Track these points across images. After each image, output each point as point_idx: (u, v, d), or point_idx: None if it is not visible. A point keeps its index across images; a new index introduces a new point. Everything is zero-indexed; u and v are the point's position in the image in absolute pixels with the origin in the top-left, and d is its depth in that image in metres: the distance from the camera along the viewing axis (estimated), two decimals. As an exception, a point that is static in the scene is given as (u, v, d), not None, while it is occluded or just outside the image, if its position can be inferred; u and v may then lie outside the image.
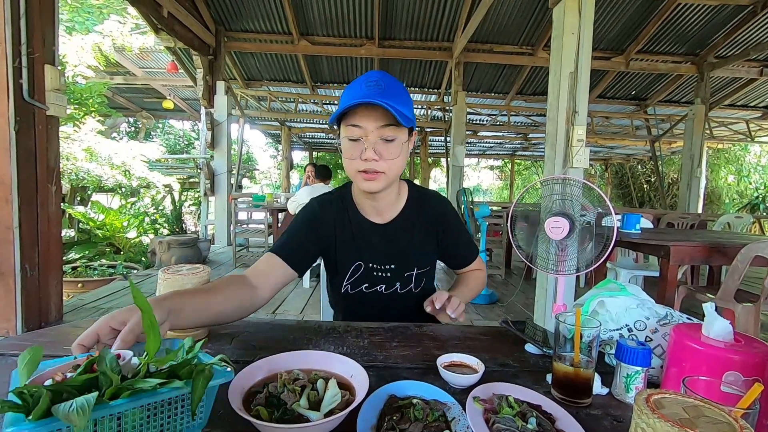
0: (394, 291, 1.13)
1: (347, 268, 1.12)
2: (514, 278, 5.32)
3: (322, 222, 1.11)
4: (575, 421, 0.61)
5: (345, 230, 1.12)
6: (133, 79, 8.74)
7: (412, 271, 1.13)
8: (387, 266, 1.12)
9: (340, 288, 1.14)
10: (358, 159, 0.97)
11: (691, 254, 2.63)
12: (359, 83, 0.98)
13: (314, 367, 0.71)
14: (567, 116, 2.86)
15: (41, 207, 2.57)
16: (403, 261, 1.12)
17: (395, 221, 1.13)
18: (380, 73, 1.00)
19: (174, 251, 5.02)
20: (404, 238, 1.13)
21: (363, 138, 0.96)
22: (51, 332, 0.92)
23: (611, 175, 16.96)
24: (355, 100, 0.92)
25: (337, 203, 1.14)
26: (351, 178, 1.04)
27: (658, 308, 0.81)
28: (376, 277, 1.12)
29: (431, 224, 1.15)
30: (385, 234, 1.12)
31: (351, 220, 1.12)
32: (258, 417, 0.55)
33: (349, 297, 1.14)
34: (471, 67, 7.62)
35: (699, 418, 0.41)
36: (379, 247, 1.12)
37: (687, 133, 7.24)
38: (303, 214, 1.13)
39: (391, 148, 0.98)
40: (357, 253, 1.12)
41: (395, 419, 0.59)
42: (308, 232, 1.10)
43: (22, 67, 2.39)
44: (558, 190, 2.24)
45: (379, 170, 0.98)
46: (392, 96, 0.94)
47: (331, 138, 14.59)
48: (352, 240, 1.12)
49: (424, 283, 1.16)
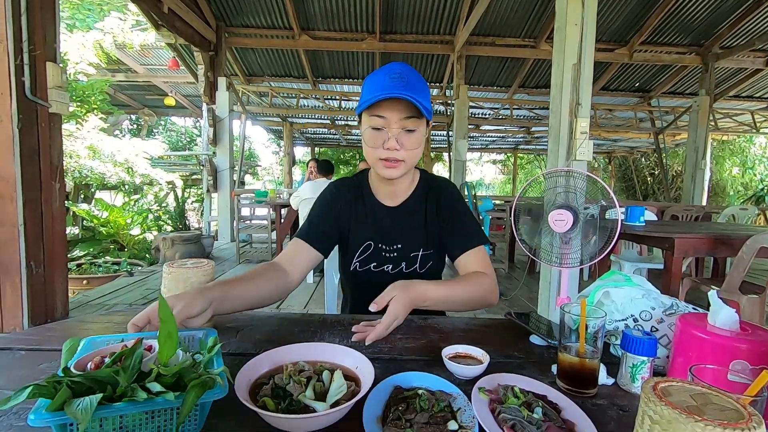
0: (400, 270, 1.18)
1: (358, 246, 1.18)
2: (518, 272, 5.31)
3: (339, 203, 1.19)
4: (581, 411, 0.61)
5: (359, 211, 1.20)
6: (134, 76, 8.74)
7: (417, 251, 1.18)
8: (394, 246, 1.18)
9: (349, 266, 1.20)
10: (381, 148, 1.03)
11: (695, 246, 2.62)
12: (382, 75, 1.02)
13: (320, 359, 0.71)
14: (570, 108, 2.84)
15: (45, 204, 2.58)
16: (410, 241, 1.18)
17: (405, 204, 1.20)
18: (402, 65, 1.04)
19: (178, 247, 5.04)
20: (411, 220, 1.19)
21: (386, 128, 1.01)
22: (57, 327, 0.93)
23: (614, 168, 16.88)
24: (382, 93, 0.96)
25: (354, 186, 1.22)
26: (372, 164, 1.10)
27: (663, 298, 0.80)
28: (384, 257, 1.18)
29: (437, 207, 1.20)
30: (394, 216, 1.19)
31: (365, 203, 1.20)
32: (264, 408, 0.55)
33: (358, 275, 1.20)
34: (473, 60, 7.58)
35: (707, 405, 0.41)
36: (388, 229, 1.18)
37: (691, 124, 7.19)
38: (322, 198, 1.22)
39: (412, 138, 1.03)
40: (368, 233, 1.18)
41: (401, 409, 0.59)
42: (328, 215, 1.18)
43: (24, 65, 2.40)
44: (561, 183, 2.23)
45: (400, 159, 1.04)
46: (414, 89, 0.99)
47: (333, 133, 14.57)
48: (365, 221, 1.19)
49: (429, 266, 1.20)
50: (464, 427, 0.57)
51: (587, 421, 0.59)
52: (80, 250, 5.34)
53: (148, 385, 0.50)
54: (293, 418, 0.54)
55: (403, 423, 0.56)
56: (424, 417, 0.57)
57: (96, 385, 0.49)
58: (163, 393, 0.49)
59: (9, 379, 0.68)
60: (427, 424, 0.57)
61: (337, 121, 12.22)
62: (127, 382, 0.49)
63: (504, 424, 0.57)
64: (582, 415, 0.61)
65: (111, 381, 0.49)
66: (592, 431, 0.57)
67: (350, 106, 10.12)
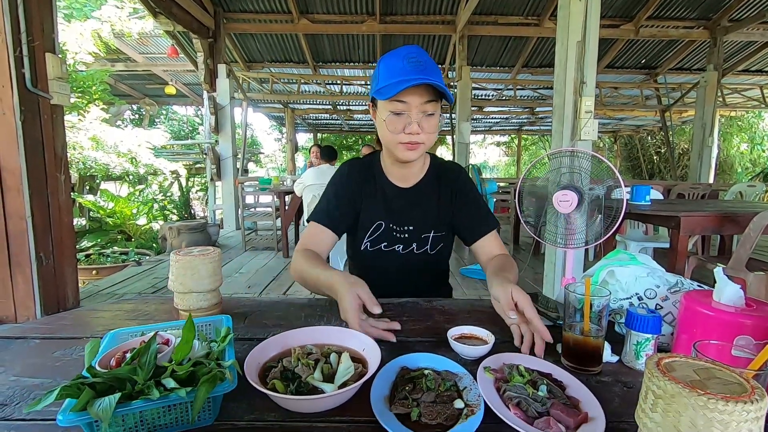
0: (411, 251, 1.20)
1: (369, 226, 1.20)
2: (523, 254, 5.32)
3: (352, 182, 1.21)
4: (585, 388, 0.62)
5: (370, 191, 1.21)
6: (134, 65, 8.67)
7: (428, 233, 1.20)
8: (406, 227, 1.20)
9: (360, 245, 1.22)
10: (402, 132, 1.04)
11: (702, 224, 2.60)
12: (399, 59, 1.03)
13: (327, 342, 0.72)
14: (575, 87, 2.80)
15: (51, 196, 2.59)
16: (421, 223, 1.20)
17: (417, 186, 1.22)
18: (416, 48, 1.05)
19: (184, 236, 5.08)
20: (424, 202, 1.21)
21: (407, 112, 1.02)
22: (70, 315, 0.95)
23: (620, 148, 16.68)
24: (402, 79, 0.98)
25: (367, 166, 1.24)
26: (391, 148, 1.11)
27: (668, 276, 0.81)
28: (395, 237, 1.20)
29: (449, 191, 1.22)
30: (407, 197, 1.21)
31: (377, 183, 1.22)
32: (274, 390, 0.57)
33: (368, 255, 1.21)
34: (475, 40, 7.44)
35: (710, 379, 0.41)
36: (400, 210, 1.20)
37: (699, 101, 7.06)
38: (335, 179, 1.23)
39: (432, 121, 1.05)
40: (379, 213, 1.20)
41: (408, 389, 0.60)
42: (343, 196, 1.20)
43: (24, 57, 2.38)
44: (566, 163, 2.21)
45: (420, 141, 1.06)
46: (431, 73, 1.01)
47: (335, 119, 14.47)
48: (376, 201, 1.21)
49: (440, 248, 1.22)
50: (470, 405, 0.58)
51: (592, 398, 0.60)
52: (88, 241, 5.40)
53: (164, 380, 0.53)
54: (302, 399, 0.55)
55: (410, 402, 0.57)
56: (431, 396, 0.58)
57: (117, 383, 0.52)
58: (176, 389, 0.52)
59: (24, 366, 0.70)
60: (433, 403, 0.58)
61: (338, 106, 12.12)
62: (144, 380, 0.53)
63: (509, 401, 0.58)
64: (586, 391, 0.61)
65: (129, 379, 0.52)
66: (596, 407, 0.58)
67: (352, 91, 10.01)
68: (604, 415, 0.56)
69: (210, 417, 0.56)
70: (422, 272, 1.24)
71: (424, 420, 0.55)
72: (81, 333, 0.84)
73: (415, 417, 0.55)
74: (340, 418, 0.57)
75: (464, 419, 0.55)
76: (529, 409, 0.56)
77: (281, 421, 0.56)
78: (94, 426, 0.49)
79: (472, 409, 0.57)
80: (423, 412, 0.56)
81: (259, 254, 5.19)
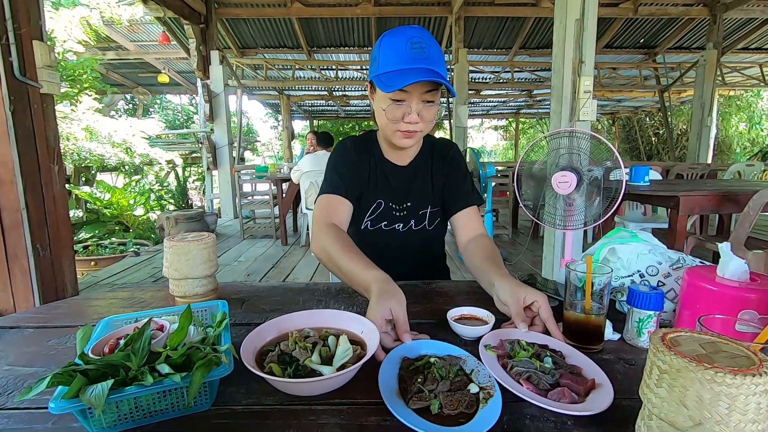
0: (410, 228, 1.21)
1: (369, 205, 1.19)
2: (521, 237, 5.32)
3: (356, 157, 1.19)
4: (583, 355, 0.63)
5: (370, 170, 1.20)
6: (125, 53, 8.52)
7: (426, 209, 1.21)
8: (404, 204, 1.20)
9: (360, 224, 1.21)
10: (401, 121, 1.02)
11: (701, 204, 2.59)
12: (401, 44, 0.97)
13: (325, 325, 0.71)
14: (573, 67, 2.76)
15: (46, 188, 2.56)
16: (418, 199, 1.20)
17: (413, 163, 1.22)
18: (419, 30, 1.00)
19: (181, 226, 5.06)
20: (419, 178, 1.21)
21: (407, 101, 1.00)
22: (64, 304, 0.93)
23: (618, 130, 16.58)
24: (404, 68, 0.94)
25: (365, 145, 1.22)
26: (388, 135, 1.09)
27: (670, 253, 0.79)
28: (394, 215, 1.20)
29: (440, 165, 1.22)
30: (403, 175, 1.21)
31: (376, 161, 1.20)
32: (271, 374, 0.56)
33: (369, 234, 1.21)
34: (472, 22, 7.32)
35: (717, 353, 0.40)
36: (398, 188, 1.20)
37: (698, 80, 6.99)
38: (338, 153, 1.20)
39: (431, 109, 1.03)
40: (378, 192, 1.19)
41: (419, 381, 0.56)
42: (350, 164, 1.17)
43: (10, 45, 2.33)
44: (565, 144, 2.18)
45: (418, 130, 1.04)
46: (436, 61, 0.97)
47: (331, 105, 14.32)
48: (375, 179, 1.20)
49: (437, 223, 1.22)
50: (484, 387, 0.56)
51: (592, 365, 0.61)
52: (86, 233, 5.37)
53: (158, 366, 0.52)
54: (300, 381, 0.54)
55: (426, 394, 0.54)
56: (446, 385, 0.56)
57: (110, 369, 0.51)
58: (170, 374, 0.50)
59: (18, 355, 0.69)
60: (449, 391, 0.55)
61: (334, 92, 11.98)
62: (137, 366, 0.51)
63: (519, 377, 0.57)
64: (585, 359, 0.63)
65: (123, 365, 0.51)
66: (600, 374, 0.59)
67: (347, 76, 9.88)
68: (609, 381, 0.57)
69: (207, 402, 0.55)
70: (421, 251, 1.25)
71: (446, 411, 0.52)
72: (75, 322, 0.83)
73: (436, 409, 0.52)
74: (339, 401, 0.56)
75: (484, 403, 0.54)
76: (540, 382, 0.56)
77: (279, 404, 0.55)
78: (87, 413, 0.48)
79: (488, 391, 0.55)
80: (443, 402, 0.53)
81: (258, 242, 5.18)
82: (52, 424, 0.51)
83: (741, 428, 0.36)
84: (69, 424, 0.51)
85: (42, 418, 0.53)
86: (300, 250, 4.75)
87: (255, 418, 0.52)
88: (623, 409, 0.54)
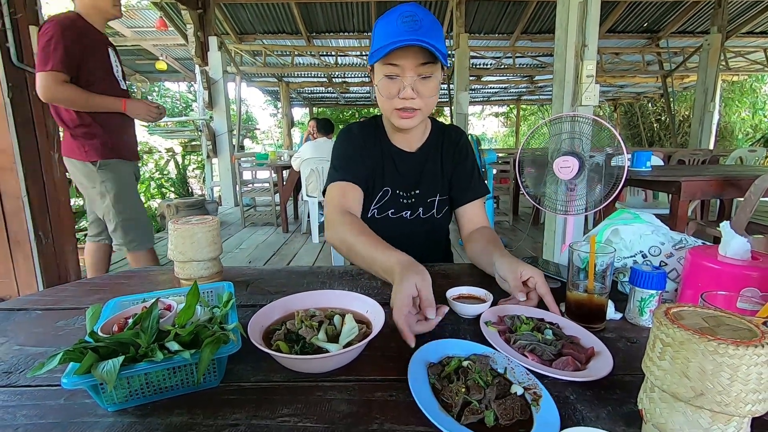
0: (417, 216, 1.18)
1: (376, 192, 1.17)
2: (522, 224, 5.33)
3: (363, 143, 1.16)
4: (579, 327, 0.66)
5: (377, 156, 1.17)
6: (122, 40, 8.42)
7: (434, 197, 1.18)
8: (412, 192, 1.17)
9: (367, 212, 1.18)
10: (396, 97, 0.98)
11: (702, 189, 2.59)
12: (393, 19, 0.96)
13: (330, 305, 0.72)
14: (576, 51, 2.73)
15: (46, 175, 2.56)
16: (427, 187, 1.17)
17: (421, 149, 1.18)
18: (413, 5, 0.97)
19: (182, 214, 5.07)
20: (428, 166, 1.18)
21: (400, 76, 0.97)
22: (70, 287, 0.94)
23: (620, 116, 16.47)
24: (394, 41, 0.91)
25: (371, 130, 1.18)
26: (387, 115, 1.06)
27: (673, 234, 0.80)
28: (402, 203, 1.17)
29: (451, 153, 1.19)
30: (412, 161, 1.17)
31: (383, 148, 1.17)
32: (278, 351, 0.56)
33: (376, 222, 1.18)
34: (473, 6, 7.21)
35: (719, 327, 0.41)
36: (406, 174, 1.17)
37: (701, 65, 6.91)
38: (343, 138, 1.17)
39: (429, 84, 0.99)
40: (386, 179, 1.17)
41: (463, 392, 0.50)
42: (357, 149, 1.14)
43: (6, 30, 2.30)
44: (567, 129, 2.17)
45: (416, 107, 1.00)
46: (428, 32, 0.93)
47: (331, 92, 14.20)
48: (382, 166, 1.16)
49: (445, 211, 1.20)
50: (529, 387, 0.52)
51: (589, 334, 0.64)
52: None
53: (167, 344, 0.53)
54: (308, 358, 0.55)
55: (476, 406, 0.49)
56: (493, 392, 0.50)
57: (120, 347, 0.52)
58: (180, 351, 0.51)
59: (28, 336, 0.70)
60: (498, 399, 0.50)
61: (334, 79, 11.87)
62: (147, 343, 0.52)
63: (523, 349, 0.59)
64: (581, 329, 0.65)
65: (133, 343, 0.52)
66: (597, 342, 0.61)
67: (347, 62, 9.78)
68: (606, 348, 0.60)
69: (215, 379, 0.56)
70: (428, 239, 1.23)
71: (503, 422, 0.47)
72: (82, 304, 0.83)
73: (492, 422, 0.47)
74: (346, 377, 0.57)
75: (535, 405, 0.49)
76: (544, 353, 0.57)
77: (286, 381, 0.56)
78: (99, 388, 0.49)
79: (534, 391, 0.51)
80: (498, 412, 0.48)
81: (259, 230, 5.19)
82: (64, 400, 0.52)
83: (742, 398, 0.36)
84: (81, 400, 0.52)
85: (53, 394, 0.54)
86: (301, 238, 4.77)
87: (263, 395, 0.53)
88: (625, 384, 0.55)
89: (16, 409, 0.51)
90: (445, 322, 0.72)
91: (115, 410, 0.51)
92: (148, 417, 0.50)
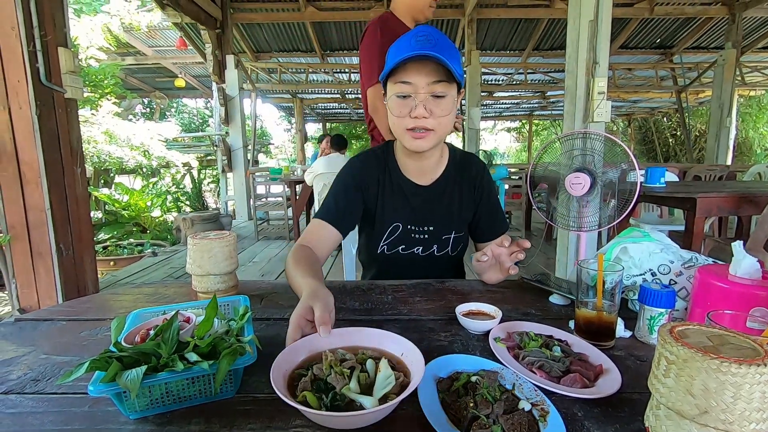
0: (431, 253, 1.13)
1: (385, 228, 1.12)
2: (534, 239, 5.29)
3: (364, 179, 1.10)
4: (588, 344, 0.65)
5: (386, 189, 1.11)
6: (144, 59, 8.72)
7: (450, 234, 1.12)
8: (426, 228, 1.11)
9: (376, 248, 1.14)
10: (408, 117, 0.95)
11: (718, 205, 2.55)
12: (407, 38, 0.94)
13: (360, 344, 0.65)
14: (587, 68, 2.75)
15: (69, 189, 2.65)
16: (443, 224, 1.12)
17: (437, 183, 1.12)
18: (428, 27, 0.96)
19: (197, 227, 5.15)
20: (445, 201, 1.12)
21: (413, 94, 0.93)
22: (93, 299, 0.98)
23: (634, 131, 16.33)
24: (405, 54, 0.89)
25: (381, 161, 1.13)
26: (398, 137, 1.02)
27: (682, 252, 0.80)
28: (414, 239, 1.12)
29: (471, 189, 1.14)
30: (426, 196, 1.11)
31: (393, 180, 1.11)
32: (306, 404, 0.50)
33: (386, 258, 1.14)
34: (484, 23, 7.31)
35: (723, 345, 0.41)
36: (419, 209, 1.11)
37: (716, 80, 6.86)
38: (345, 174, 1.12)
39: (442, 104, 0.95)
40: (396, 214, 1.11)
41: (471, 407, 0.51)
42: (351, 193, 1.09)
43: (37, 51, 2.41)
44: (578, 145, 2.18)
45: (429, 128, 0.96)
46: (442, 50, 0.90)
47: (344, 108, 14.41)
48: (392, 200, 1.11)
49: (460, 248, 1.16)
50: (536, 403, 0.53)
51: (597, 351, 0.64)
52: (105, 234, 5.51)
53: (187, 354, 0.56)
54: (340, 416, 0.49)
55: (485, 421, 0.49)
56: (501, 406, 0.51)
57: (142, 357, 0.55)
58: (199, 362, 0.54)
59: (54, 345, 0.73)
60: (506, 414, 0.51)
61: (347, 95, 12.06)
62: (168, 354, 0.55)
63: (531, 366, 0.60)
64: (589, 346, 0.65)
65: (154, 353, 0.55)
66: (606, 360, 0.61)
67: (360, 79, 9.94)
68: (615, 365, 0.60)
69: (231, 390, 0.58)
70: (444, 274, 1.15)
71: None
72: (105, 315, 0.87)
73: None
74: None
75: (543, 421, 0.50)
76: (552, 369, 0.58)
77: (300, 393, 0.58)
78: (123, 396, 0.52)
79: (542, 407, 0.52)
80: (506, 428, 0.48)
81: (272, 243, 5.24)
82: (88, 408, 0.55)
83: (746, 416, 0.37)
84: (104, 408, 0.55)
85: (79, 402, 0.56)
86: (313, 252, 4.79)
87: (277, 406, 0.55)
88: (633, 402, 0.55)
89: (43, 416, 0.53)
90: (455, 337, 0.74)
91: (137, 418, 0.53)
92: (167, 426, 0.52)
